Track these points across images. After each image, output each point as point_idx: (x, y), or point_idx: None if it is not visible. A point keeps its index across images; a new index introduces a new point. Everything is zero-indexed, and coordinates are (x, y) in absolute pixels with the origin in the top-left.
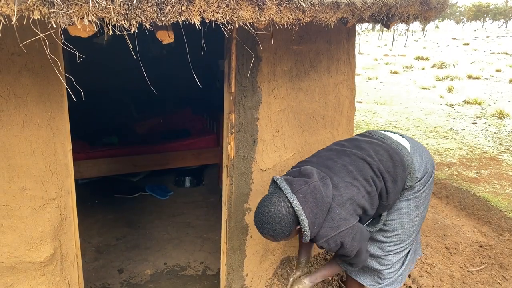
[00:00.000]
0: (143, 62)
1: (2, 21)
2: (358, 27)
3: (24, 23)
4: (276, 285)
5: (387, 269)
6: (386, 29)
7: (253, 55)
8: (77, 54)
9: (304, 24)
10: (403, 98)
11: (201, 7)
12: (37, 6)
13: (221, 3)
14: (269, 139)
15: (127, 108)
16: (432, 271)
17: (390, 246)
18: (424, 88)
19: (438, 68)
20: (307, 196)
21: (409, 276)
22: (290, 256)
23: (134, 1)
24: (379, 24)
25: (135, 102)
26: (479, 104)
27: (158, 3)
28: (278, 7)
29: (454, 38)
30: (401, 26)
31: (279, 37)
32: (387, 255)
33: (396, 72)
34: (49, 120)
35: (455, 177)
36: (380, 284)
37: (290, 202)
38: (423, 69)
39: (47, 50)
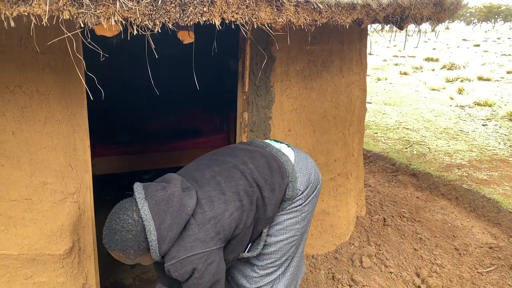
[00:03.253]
0: (156, 61)
1: (34, 20)
2: (368, 27)
3: (54, 23)
4: None
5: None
6: (399, 30)
7: (266, 55)
8: (101, 53)
9: (320, 25)
10: (413, 99)
11: (222, 8)
12: (66, 7)
13: (241, 5)
14: (281, 138)
15: (139, 106)
16: (441, 271)
17: (265, 264)
18: (433, 89)
19: (448, 69)
20: (161, 203)
21: (418, 276)
22: None
23: (159, 2)
24: (389, 25)
25: (147, 100)
26: (490, 106)
27: (182, 4)
28: (295, 8)
29: (464, 39)
30: (411, 27)
31: (293, 38)
32: (260, 275)
33: (405, 73)
34: (69, 116)
35: (465, 178)
36: None
37: (140, 209)
38: (433, 70)
39: (73, 48)
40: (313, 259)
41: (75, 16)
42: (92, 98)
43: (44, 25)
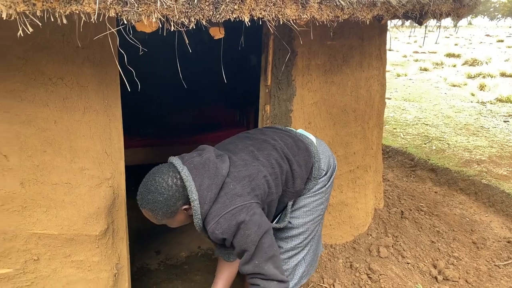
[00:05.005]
0: (181, 57)
1: (84, 18)
2: (388, 22)
3: (101, 20)
4: None
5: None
6: (418, 25)
7: (289, 49)
8: (140, 48)
9: (341, 21)
10: (433, 95)
11: (251, 5)
12: (113, 5)
13: (269, 2)
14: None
15: (163, 101)
16: (458, 263)
17: (294, 245)
18: (454, 86)
19: (470, 65)
20: (199, 167)
21: (434, 267)
22: None
23: (195, 1)
24: (409, 20)
25: (170, 95)
26: None
27: (215, 2)
28: (319, 5)
29: (487, 35)
30: (432, 23)
31: (314, 33)
32: (289, 256)
33: (426, 69)
34: (106, 107)
35: (484, 174)
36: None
37: (179, 173)
38: (454, 66)
39: (115, 43)
40: (331, 248)
41: (119, 14)
42: (129, 89)
43: (93, 22)
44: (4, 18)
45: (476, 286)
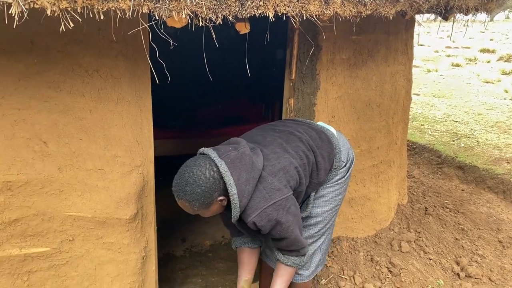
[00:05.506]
0: (207, 52)
1: (119, 14)
2: (419, 17)
3: (134, 16)
4: None
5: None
6: (444, 20)
7: (313, 44)
8: (171, 42)
9: (364, 16)
10: (464, 92)
11: (275, 2)
12: (146, 2)
13: None
14: (325, 123)
15: (190, 94)
16: (482, 261)
17: (312, 233)
18: (487, 82)
19: (505, 61)
20: (236, 162)
21: (457, 264)
22: None
23: None
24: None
25: (198, 89)
26: None
27: None
28: (342, 1)
29: None
30: (466, 17)
31: (339, 28)
32: (305, 239)
33: (458, 65)
34: (137, 98)
35: None
36: (301, 275)
37: (217, 167)
38: (488, 62)
39: (147, 38)
40: (352, 241)
41: (152, 10)
42: (158, 82)
43: (127, 18)
44: (49, 15)
45: (499, 284)
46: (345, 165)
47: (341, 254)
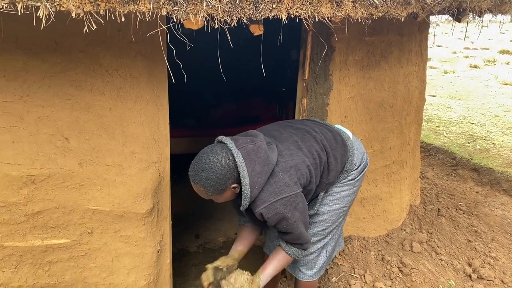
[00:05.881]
0: (222, 52)
1: (139, 16)
2: (436, 18)
3: (153, 18)
4: None
5: (307, 254)
6: (457, 22)
7: (326, 45)
8: (188, 43)
9: (376, 18)
10: (481, 93)
11: (288, 4)
12: (164, 5)
13: (305, 1)
14: (338, 124)
15: (205, 94)
16: (495, 263)
17: (316, 231)
18: (506, 84)
19: None
20: (252, 154)
21: (469, 265)
22: None
23: (237, 1)
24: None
25: (212, 89)
26: None
27: (255, 1)
28: (353, 4)
29: None
30: (486, 17)
31: (352, 29)
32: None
33: (476, 66)
34: (155, 97)
35: None
36: (304, 273)
37: (233, 156)
38: (508, 63)
39: (164, 39)
40: (364, 241)
41: (170, 13)
42: (173, 81)
43: (146, 20)
44: (74, 17)
45: None
46: (357, 168)
47: (352, 253)
